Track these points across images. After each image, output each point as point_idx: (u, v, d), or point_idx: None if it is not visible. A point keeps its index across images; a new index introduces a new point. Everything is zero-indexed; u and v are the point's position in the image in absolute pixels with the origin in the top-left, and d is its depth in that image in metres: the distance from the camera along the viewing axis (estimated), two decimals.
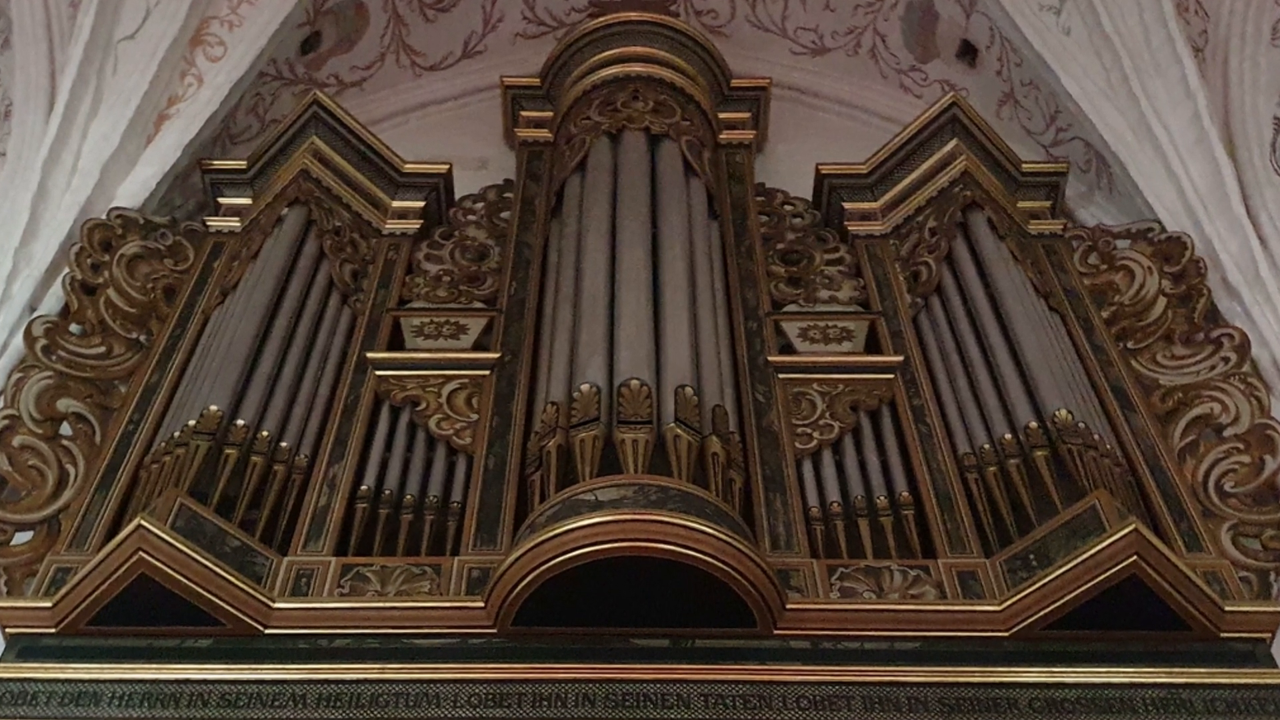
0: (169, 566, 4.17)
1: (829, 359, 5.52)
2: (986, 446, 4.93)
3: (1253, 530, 4.78)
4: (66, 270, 5.73)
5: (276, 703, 4.09)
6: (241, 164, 6.59)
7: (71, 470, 4.94)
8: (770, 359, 5.50)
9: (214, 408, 4.85)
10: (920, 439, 5.09)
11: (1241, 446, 5.06)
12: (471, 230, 6.50)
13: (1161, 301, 5.80)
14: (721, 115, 7.14)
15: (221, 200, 6.54)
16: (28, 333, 5.36)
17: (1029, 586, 4.28)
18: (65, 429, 5.14)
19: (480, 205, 6.71)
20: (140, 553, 4.15)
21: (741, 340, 5.62)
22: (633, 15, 7.03)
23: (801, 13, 7.70)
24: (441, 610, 4.34)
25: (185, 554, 4.18)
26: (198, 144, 6.48)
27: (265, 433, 4.90)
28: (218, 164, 6.61)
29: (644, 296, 5.30)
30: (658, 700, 4.10)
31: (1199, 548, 4.63)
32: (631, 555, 4.08)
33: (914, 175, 6.45)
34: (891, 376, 5.40)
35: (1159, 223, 6.13)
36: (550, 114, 7.17)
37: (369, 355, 5.49)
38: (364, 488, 4.83)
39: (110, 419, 5.20)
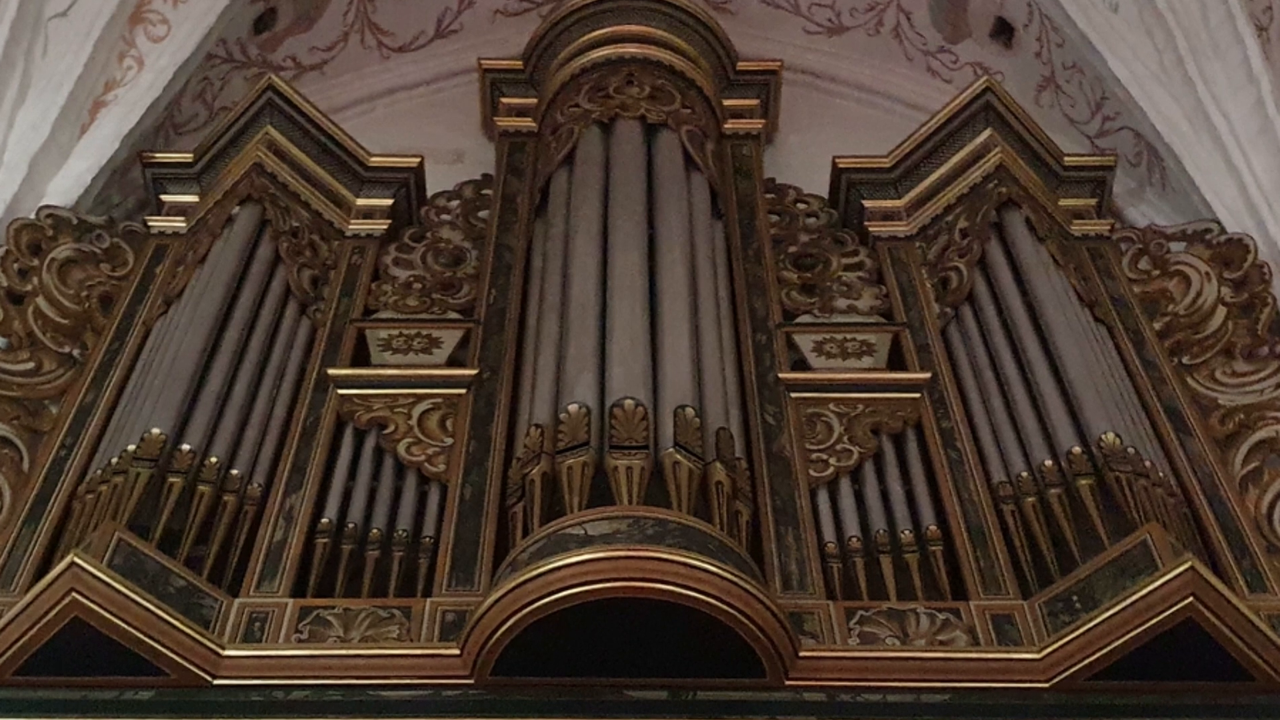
0: (106, 609, 4.17)
1: (847, 376, 5.56)
2: (1024, 475, 4.97)
3: None
4: None
5: None
6: (187, 157, 6.64)
7: None
8: (781, 376, 5.54)
9: (156, 431, 4.89)
10: (950, 466, 5.13)
11: None
12: (446, 231, 6.55)
13: (1221, 311, 5.85)
14: (726, 102, 7.19)
15: (165, 197, 6.60)
16: None
17: (1072, 632, 4.30)
18: None
19: (455, 203, 6.76)
20: (73, 594, 4.15)
21: (749, 355, 5.66)
22: None
23: None
24: (412, 658, 4.35)
25: (124, 595, 4.19)
26: (138, 134, 6.53)
27: (214, 459, 4.92)
28: (160, 157, 6.67)
29: (639, 306, 5.33)
30: None
31: (1263, 588, 4.67)
32: (625, 597, 4.09)
33: (943, 170, 6.51)
34: (917, 396, 5.44)
35: (1218, 223, 6.18)
36: (534, 101, 7.22)
37: (330, 372, 5.53)
38: (325, 521, 4.85)
39: (40, 443, 5.23)
